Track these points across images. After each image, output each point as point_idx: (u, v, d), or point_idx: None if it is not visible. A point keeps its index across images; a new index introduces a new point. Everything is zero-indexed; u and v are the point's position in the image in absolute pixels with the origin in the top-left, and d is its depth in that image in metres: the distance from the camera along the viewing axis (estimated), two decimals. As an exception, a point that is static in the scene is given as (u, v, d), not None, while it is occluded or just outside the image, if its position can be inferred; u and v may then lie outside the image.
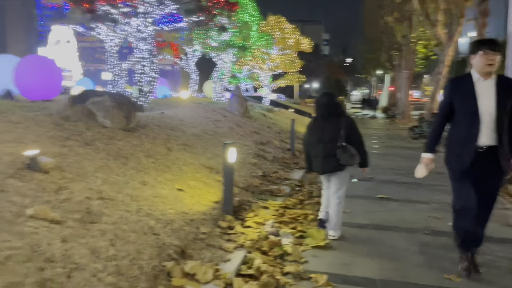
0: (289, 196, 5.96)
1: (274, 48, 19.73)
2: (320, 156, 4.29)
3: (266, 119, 13.82)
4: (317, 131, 4.37)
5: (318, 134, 4.34)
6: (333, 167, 4.26)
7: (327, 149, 4.21)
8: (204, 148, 6.99)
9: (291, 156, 9.05)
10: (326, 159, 4.24)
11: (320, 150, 4.28)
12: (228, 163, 4.65)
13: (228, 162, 4.64)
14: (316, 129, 4.39)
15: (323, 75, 54.43)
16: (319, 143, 4.29)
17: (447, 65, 17.50)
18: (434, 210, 5.50)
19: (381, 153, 11.14)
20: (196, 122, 8.81)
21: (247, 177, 6.38)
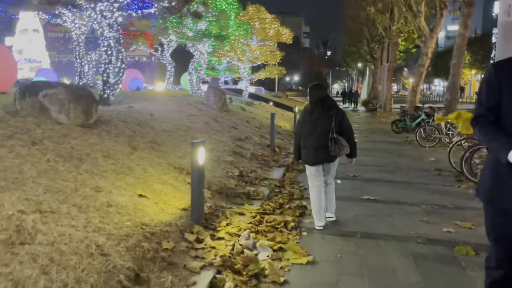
0: (268, 199, 5.40)
1: (254, 38, 19.06)
2: (312, 147, 4.39)
3: (245, 113, 13.22)
4: (309, 122, 4.42)
5: (310, 125, 4.41)
6: (324, 158, 4.38)
7: (319, 141, 4.33)
8: (174, 146, 6.35)
9: (270, 153, 8.50)
10: (317, 150, 4.35)
11: (312, 141, 4.38)
12: (197, 165, 4.05)
13: (197, 163, 4.04)
14: (309, 120, 4.43)
15: (304, 68, 54.06)
16: (311, 134, 4.38)
17: (430, 58, 17.23)
18: (425, 214, 5.04)
19: (365, 148, 10.70)
20: (167, 116, 8.14)
21: (221, 178, 5.79)
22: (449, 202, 5.60)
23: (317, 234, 4.25)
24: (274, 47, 20.76)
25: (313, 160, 4.43)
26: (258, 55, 19.22)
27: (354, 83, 64.38)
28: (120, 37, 8.47)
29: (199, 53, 14.46)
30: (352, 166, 8.09)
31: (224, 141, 7.96)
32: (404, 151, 10.44)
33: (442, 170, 7.83)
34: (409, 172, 7.75)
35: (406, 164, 8.56)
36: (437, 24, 16.60)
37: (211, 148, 7.05)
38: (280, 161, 8.00)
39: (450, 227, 4.51)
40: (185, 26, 13.34)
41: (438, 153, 10.12)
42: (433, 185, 6.70)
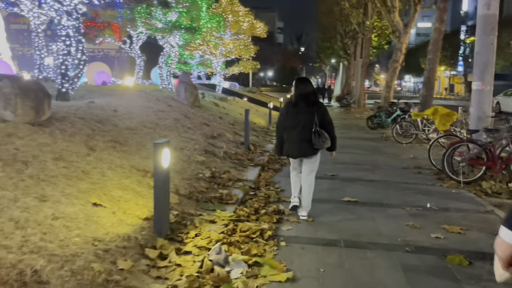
0: (242, 204, 4.95)
1: (227, 32, 18.49)
2: (295, 141, 4.48)
3: (218, 109, 12.69)
4: (292, 116, 4.49)
5: (293, 119, 4.48)
6: (307, 151, 4.49)
7: (302, 134, 4.42)
8: (139, 145, 5.79)
9: (245, 152, 8.04)
10: (300, 144, 4.44)
11: (295, 134, 4.46)
12: (161, 169, 3.54)
13: (160, 167, 3.54)
14: (292, 114, 4.50)
15: (278, 64, 53.75)
16: (294, 128, 4.46)
17: (404, 53, 17.16)
18: (410, 217, 4.72)
19: (342, 145, 10.37)
20: (133, 113, 7.54)
21: (191, 180, 5.29)
22: (434, 202, 5.31)
23: (297, 244, 3.84)
24: (248, 41, 20.26)
25: (297, 153, 4.55)
26: (232, 49, 18.67)
27: (327, 79, 64.73)
28: (81, 26, 7.78)
29: (169, 46, 13.78)
30: (330, 165, 7.79)
31: (195, 139, 7.43)
32: (381, 148, 10.21)
33: (422, 168, 7.60)
34: (388, 170, 7.47)
35: (384, 162, 8.30)
36: (411, 20, 16.52)
37: (180, 147, 6.53)
38: (255, 159, 7.56)
39: (438, 232, 4.20)
40: (154, 17, 12.65)
41: (415, 150, 9.94)
42: (415, 184, 6.43)
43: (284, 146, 4.61)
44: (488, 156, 6.21)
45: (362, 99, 26.54)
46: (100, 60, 26.63)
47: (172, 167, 5.45)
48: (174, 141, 6.72)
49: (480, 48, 7.59)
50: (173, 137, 6.99)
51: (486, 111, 7.51)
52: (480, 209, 5.08)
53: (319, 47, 48.55)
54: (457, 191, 5.96)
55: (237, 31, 18.74)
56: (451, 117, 9.71)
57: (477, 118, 7.52)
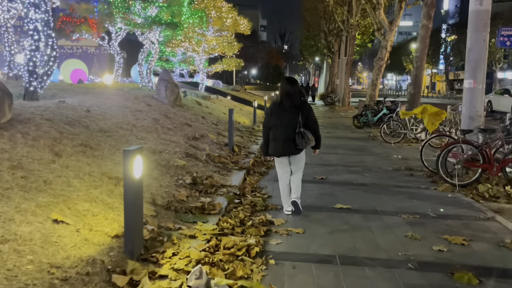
0: (226, 213, 4.52)
1: (210, 28, 17.94)
2: (280, 140, 4.54)
3: (201, 108, 12.20)
4: (278, 116, 4.55)
5: (279, 118, 4.54)
6: (291, 150, 4.56)
7: (287, 133, 4.49)
8: (113, 149, 5.29)
9: (229, 154, 7.60)
10: (285, 143, 4.52)
11: (280, 134, 4.52)
12: (132, 180, 3.08)
13: (131, 178, 3.07)
14: (278, 114, 4.55)
15: (262, 62, 53.31)
16: (279, 127, 4.52)
17: (389, 51, 16.96)
18: (407, 226, 4.37)
19: (329, 145, 10.08)
20: (108, 113, 7.01)
21: (170, 188, 4.83)
22: (430, 209, 4.98)
23: (287, 261, 3.43)
24: (231, 37, 19.75)
25: (282, 152, 4.60)
26: (215, 46, 18.14)
27: (311, 77, 64.66)
28: (50, 20, 7.18)
29: (149, 43, 13.21)
30: (319, 167, 7.43)
31: (176, 141, 6.96)
32: (369, 148, 9.90)
33: (414, 170, 7.30)
34: (379, 172, 7.15)
35: (374, 163, 7.97)
36: (396, 17, 16.31)
37: (159, 150, 6.05)
38: (240, 162, 7.13)
39: (440, 244, 3.85)
40: (133, 12, 12.06)
41: (404, 150, 9.67)
42: (408, 188, 6.11)
43: (270, 145, 4.67)
44: (484, 157, 5.93)
45: (347, 97, 26.38)
46: (79, 58, 25.75)
47: (149, 173, 5.00)
48: (152, 143, 6.24)
49: (472, 44, 7.32)
50: (152, 139, 6.51)
51: (478, 110, 7.25)
52: (480, 215, 4.76)
53: (303, 45, 48.33)
54: (453, 195, 5.65)
55: (220, 27, 18.21)
56: (440, 116, 9.47)
57: (469, 118, 7.25)
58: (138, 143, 5.98)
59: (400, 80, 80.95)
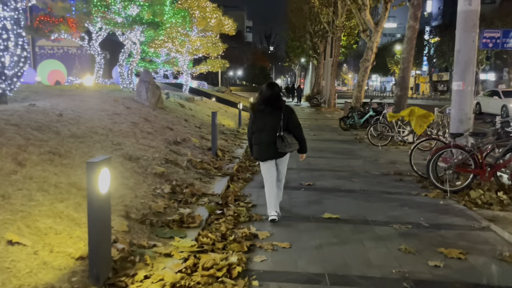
0: (207, 226, 4.19)
1: (194, 28, 17.55)
2: (262, 144, 4.57)
3: (184, 110, 11.82)
4: (260, 120, 4.57)
5: (261, 123, 4.56)
6: (274, 154, 4.57)
7: (269, 138, 4.51)
8: (85, 157, 4.91)
9: (212, 159, 7.26)
10: (268, 147, 4.54)
11: (263, 138, 4.55)
12: (97, 195, 2.74)
13: (96, 194, 2.73)
14: (260, 118, 4.58)
15: (248, 63, 53.06)
16: (263, 131, 4.54)
17: (375, 52, 16.85)
18: (400, 238, 4.11)
19: (316, 149, 9.83)
20: (83, 117, 6.60)
21: (146, 199, 4.47)
22: (423, 218, 4.75)
23: (273, 282, 3.12)
24: (216, 38, 19.38)
25: (265, 156, 4.61)
26: (199, 47, 17.74)
27: (297, 78, 64.66)
28: (21, 18, 6.75)
29: (130, 43, 12.77)
30: (305, 172, 7.15)
31: (155, 146, 6.59)
32: (357, 151, 9.68)
33: (403, 174, 7.09)
34: (367, 177, 6.91)
35: (362, 167, 7.74)
36: (382, 18, 16.20)
37: (136, 157, 5.68)
38: (223, 168, 6.80)
39: (435, 258, 3.60)
40: (113, 11, 11.61)
41: (392, 153, 9.48)
42: (398, 194, 5.87)
43: (253, 148, 4.70)
44: (476, 162, 5.73)
45: (333, 99, 26.26)
46: (60, 58, 24.98)
47: (124, 182, 4.64)
48: (129, 149, 5.87)
49: (461, 46, 7.14)
50: (129, 144, 6.13)
51: (467, 113, 7.06)
52: (474, 225, 4.54)
53: (289, 46, 48.22)
54: (445, 202, 5.43)
55: (205, 27, 17.83)
56: (427, 119, 9.30)
57: (458, 120, 7.06)
58: (114, 149, 5.61)
59: (384, 82, 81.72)
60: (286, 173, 4.86)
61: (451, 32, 44.40)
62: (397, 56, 54.80)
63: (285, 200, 5.36)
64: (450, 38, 44.80)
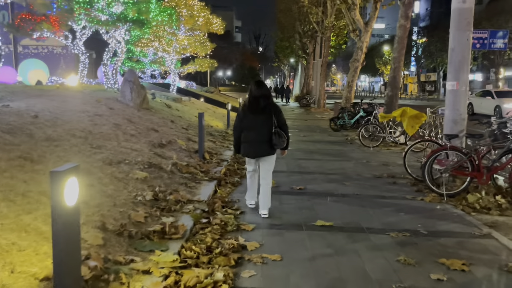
0: (191, 237, 3.88)
1: (181, 27, 17.18)
2: (254, 141, 4.61)
3: (171, 111, 11.47)
4: (250, 118, 4.61)
5: (251, 121, 4.61)
6: (266, 151, 4.63)
7: (261, 135, 4.57)
8: (60, 162, 4.56)
9: (199, 162, 6.94)
10: (260, 144, 4.58)
11: (253, 136, 4.59)
12: (64, 209, 2.41)
13: (62, 208, 2.41)
14: (250, 116, 4.62)
15: (237, 63, 52.71)
16: (252, 129, 4.59)
17: (365, 52, 16.70)
18: (399, 247, 3.85)
19: (307, 150, 9.58)
20: (61, 118, 6.24)
21: (126, 207, 4.14)
22: (420, 224, 4.50)
23: (263, 301, 2.83)
24: (204, 37, 19.03)
25: (256, 154, 4.68)
26: (186, 46, 17.37)
27: (286, 78, 64.53)
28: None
29: (115, 41, 12.37)
30: (296, 175, 6.88)
31: (138, 149, 6.25)
32: (348, 153, 9.45)
33: (396, 177, 6.86)
34: (360, 180, 6.66)
35: (354, 170, 7.50)
36: (372, 17, 16.07)
37: (117, 161, 5.34)
38: (210, 172, 6.49)
39: (437, 270, 3.35)
40: (96, 8, 11.20)
41: (384, 155, 9.27)
42: (393, 198, 5.63)
43: (242, 146, 4.74)
44: (473, 165, 5.52)
45: (322, 99, 26.10)
46: (44, 58, 24.36)
47: (102, 189, 4.31)
48: (109, 153, 5.53)
49: (455, 44, 6.94)
50: (110, 147, 5.78)
51: (462, 114, 6.87)
52: (474, 231, 4.31)
53: (278, 46, 48.04)
54: (442, 207, 5.21)
55: (192, 26, 17.47)
56: (419, 119, 9.14)
57: (452, 121, 6.87)
58: (93, 153, 5.26)
59: (373, 82, 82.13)
60: (277, 176, 5.05)
61: (438, 33, 44.86)
62: (386, 56, 55.10)
63: (275, 206, 5.09)
64: (437, 39, 45.16)
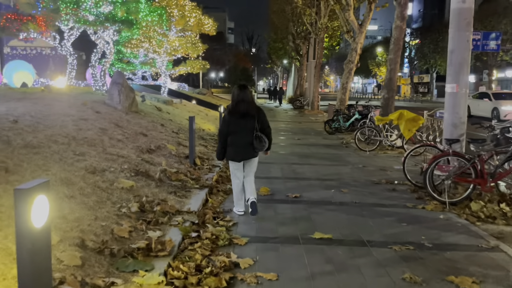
0: (179, 254, 3.57)
1: (173, 28, 16.84)
2: (239, 145, 4.71)
3: (161, 114, 11.14)
4: (236, 122, 4.69)
5: (237, 125, 4.69)
6: (250, 154, 4.77)
7: (245, 139, 4.68)
8: (39, 171, 4.23)
9: (189, 168, 6.63)
10: (245, 148, 4.71)
11: (239, 139, 4.69)
12: (29, 232, 2.10)
13: (28, 230, 2.10)
14: (235, 120, 4.68)
15: (229, 64, 52.38)
16: (238, 133, 4.68)
17: (359, 53, 16.49)
18: (403, 263, 3.58)
19: (302, 154, 9.31)
20: (43, 123, 5.90)
21: (109, 220, 3.83)
22: (424, 236, 4.25)
23: (258, 331, 2.54)
24: (195, 38, 18.70)
25: (242, 157, 4.79)
26: (178, 47, 17.04)
27: (279, 80, 64.35)
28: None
29: (103, 42, 12.02)
30: (292, 182, 6.59)
31: (125, 156, 5.93)
32: (344, 157, 9.20)
33: (395, 183, 6.62)
34: (358, 187, 6.40)
35: (351, 176, 7.24)
36: (366, 18, 15.89)
37: (102, 169, 5.02)
38: (201, 179, 6.19)
39: (447, 290, 3.09)
40: (84, 8, 10.85)
41: (381, 159, 9.03)
42: (393, 206, 5.38)
43: (228, 150, 4.80)
44: (477, 171, 5.28)
45: (316, 101, 25.89)
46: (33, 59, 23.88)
47: (83, 200, 3.98)
48: (93, 160, 5.20)
49: (455, 46, 6.72)
50: (94, 154, 5.46)
51: (461, 117, 6.64)
52: (481, 243, 4.06)
53: (271, 47, 47.85)
54: (445, 216, 4.96)
55: (184, 27, 17.14)
56: (417, 122, 8.92)
57: (452, 125, 6.64)
58: (75, 160, 4.93)
59: (366, 83, 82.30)
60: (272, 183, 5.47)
61: (431, 35, 45.01)
62: (379, 58, 55.16)
63: (270, 216, 4.82)
64: (430, 41, 45.30)
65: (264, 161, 8.29)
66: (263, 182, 6.49)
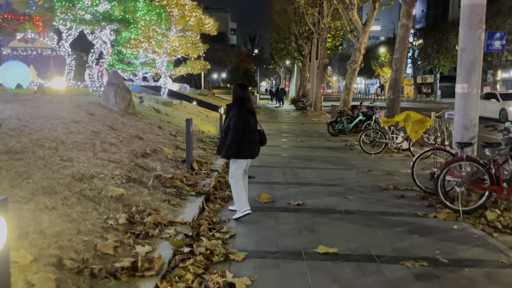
0: (168, 274, 3.22)
1: (173, 28, 16.53)
2: (252, 142, 4.76)
3: (159, 116, 10.81)
4: (251, 121, 4.72)
5: (252, 123, 4.74)
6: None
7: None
8: (19, 179, 3.90)
9: (186, 173, 6.29)
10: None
11: (252, 136, 4.75)
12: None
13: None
14: (250, 119, 4.71)
15: (232, 65, 52.06)
16: (253, 131, 4.77)
17: (363, 53, 16.13)
18: (418, 282, 3.23)
19: (304, 157, 8.96)
20: (29, 126, 5.57)
21: (93, 234, 3.49)
22: (439, 250, 3.89)
23: None
24: (196, 38, 18.37)
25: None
26: (178, 47, 16.72)
27: (282, 81, 63.98)
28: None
29: (100, 42, 11.71)
30: (294, 187, 6.23)
31: (117, 160, 5.59)
32: (348, 160, 8.83)
33: (403, 189, 6.25)
34: (364, 193, 6.04)
35: (357, 180, 6.88)
36: (370, 18, 15.51)
37: (90, 175, 4.68)
38: (198, 185, 5.84)
39: (469, 316, 2.73)
40: (79, 7, 10.54)
41: (387, 162, 8.66)
42: (402, 215, 5.02)
43: (244, 149, 4.68)
44: (492, 178, 4.92)
45: (319, 101, 25.52)
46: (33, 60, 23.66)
47: (66, 212, 3.64)
48: (82, 166, 4.86)
49: (466, 44, 6.36)
50: (84, 159, 5.12)
51: (473, 119, 6.28)
52: (502, 258, 3.70)
53: (273, 48, 47.49)
54: (459, 227, 4.59)
55: (184, 27, 16.82)
56: (424, 124, 8.56)
57: (463, 127, 6.27)
58: (61, 166, 4.60)
59: (369, 84, 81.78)
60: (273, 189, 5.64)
61: (435, 35, 44.57)
62: (382, 58, 54.71)
63: (271, 226, 4.48)
64: (434, 41, 44.85)
65: (265, 165, 7.96)
66: (263, 187, 6.16)
